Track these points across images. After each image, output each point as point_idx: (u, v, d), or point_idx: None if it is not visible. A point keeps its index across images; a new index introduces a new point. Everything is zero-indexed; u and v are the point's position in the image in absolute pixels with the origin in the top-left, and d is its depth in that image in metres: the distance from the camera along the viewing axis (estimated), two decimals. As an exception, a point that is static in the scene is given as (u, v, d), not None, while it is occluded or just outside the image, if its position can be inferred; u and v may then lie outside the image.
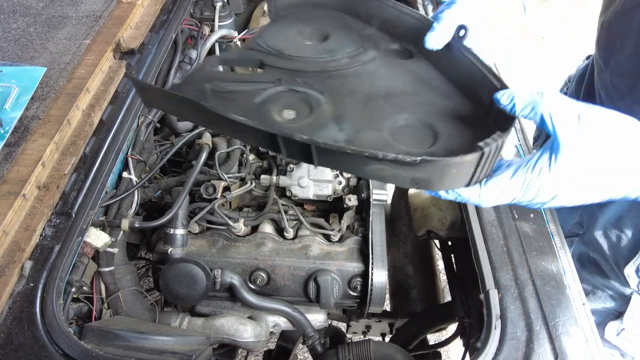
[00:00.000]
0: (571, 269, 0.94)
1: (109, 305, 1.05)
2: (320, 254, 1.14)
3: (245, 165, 1.31)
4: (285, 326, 1.15)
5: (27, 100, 1.14)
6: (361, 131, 0.66)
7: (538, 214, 1.04)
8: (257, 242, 1.16)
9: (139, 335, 0.89)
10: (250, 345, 1.07)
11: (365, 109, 0.70)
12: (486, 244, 0.97)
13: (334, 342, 1.30)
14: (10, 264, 0.87)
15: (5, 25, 1.37)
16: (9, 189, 0.94)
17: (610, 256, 1.29)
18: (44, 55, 1.27)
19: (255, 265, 1.11)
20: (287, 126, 0.67)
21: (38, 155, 0.99)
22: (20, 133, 1.06)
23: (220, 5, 1.71)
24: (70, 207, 0.96)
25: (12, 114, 1.11)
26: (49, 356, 0.81)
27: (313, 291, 1.09)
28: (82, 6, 1.45)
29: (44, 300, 0.85)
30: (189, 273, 1.03)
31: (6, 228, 0.89)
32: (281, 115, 0.69)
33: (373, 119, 0.68)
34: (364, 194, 1.23)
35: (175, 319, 1.07)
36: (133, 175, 1.14)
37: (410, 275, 1.53)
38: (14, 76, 1.20)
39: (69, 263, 0.91)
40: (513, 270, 0.93)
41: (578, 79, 1.35)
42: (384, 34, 0.87)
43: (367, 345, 1.02)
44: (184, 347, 0.91)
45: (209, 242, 1.16)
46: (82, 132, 1.08)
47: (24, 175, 0.96)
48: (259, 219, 1.23)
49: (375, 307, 1.10)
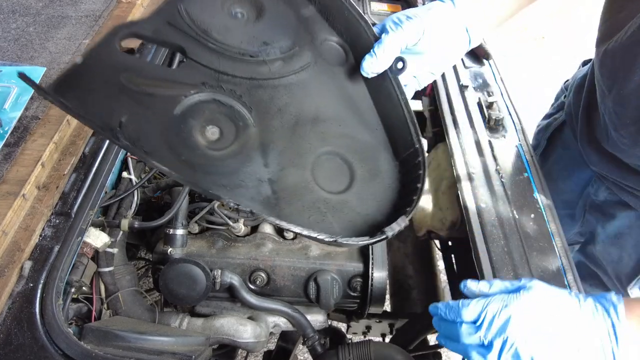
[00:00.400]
0: (572, 269, 0.94)
1: (108, 305, 1.05)
2: (320, 254, 1.14)
3: (245, 165, 1.31)
4: (285, 327, 1.15)
5: (27, 100, 1.14)
6: (285, 169, 0.64)
7: (539, 214, 1.04)
8: (257, 243, 1.15)
9: (138, 335, 0.89)
10: (250, 346, 1.07)
11: (292, 138, 0.67)
12: (487, 244, 0.97)
13: (334, 343, 1.30)
14: (9, 264, 0.87)
15: (5, 25, 1.37)
16: (8, 189, 0.94)
17: (612, 272, 1.29)
18: (44, 55, 1.27)
19: (255, 266, 1.11)
20: (211, 154, 0.62)
21: (37, 155, 0.99)
22: (19, 133, 1.06)
23: (220, 5, 1.71)
24: (70, 207, 0.96)
25: (11, 114, 1.11)
26: (49, 356, 0.80)
27: (313, 291, 1.09)
28: (81, 6, 1.45)
29: (44, 300, 0.85)
30: (189, 273, 1.02)
31: (5, 228, 0.89)
32: (204, 134, 0.64)
33: (298, 152, 0.66)
34: (364, 194, 1.23)
35: (175, 320, 1.07)
36: (133, 175, 1.14)
37: (411, 275, 1.53)
38: (14, 76, 1.20)
39: (69, 263, 0.91)
40: (514, 271, 0.92)
41: (576, 88, 1.32)
42: (322, 20, 0.79)
43: (367, 346, 1.02)
44: (184, 348, 0.91)
45: (208, 243, 1.15)
46: (81, 132, 1.08)
47: (23, 176, 0.96)
48: (259, 219, 1.23)
49: (375, 308, 1.10)
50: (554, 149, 1.44)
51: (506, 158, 1.15)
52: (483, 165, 1.12)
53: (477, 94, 1.34)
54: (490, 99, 1.30)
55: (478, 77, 1.41)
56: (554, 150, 1.44)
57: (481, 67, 1.45)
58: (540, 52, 4.37)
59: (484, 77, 1.41)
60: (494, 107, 1.26)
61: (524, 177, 1.11)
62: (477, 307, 0.67)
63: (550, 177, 1.37)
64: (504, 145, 1.19)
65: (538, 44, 4.50)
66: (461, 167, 1.12)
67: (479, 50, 1.48)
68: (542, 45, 4.50)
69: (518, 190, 1.08)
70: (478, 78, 1.41)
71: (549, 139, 1.44)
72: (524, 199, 1.06)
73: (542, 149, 1.47)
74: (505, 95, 1.35)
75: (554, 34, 4.63)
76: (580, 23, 4.68)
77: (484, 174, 1.10)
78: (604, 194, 1.27)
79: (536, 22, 4.81)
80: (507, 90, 1.38)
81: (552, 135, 1.43)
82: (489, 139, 1.20)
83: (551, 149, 1.45)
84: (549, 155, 1.46)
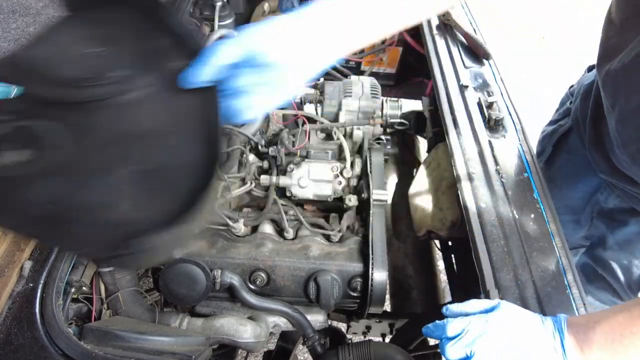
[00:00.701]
0: (572, 269, 0.94)
1: (108, 305, 1.05)
2: (320, 254, 1.14)
3: (245, 166, 1.31)
4: (285, 327, 1.15)
5: (27, 100, 1.13)
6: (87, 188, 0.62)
7: (538, 214, 1.04)
8: (257, 243, 1.15)
9: (138, 335, 0.89)
10: (250, 346, 1.07)
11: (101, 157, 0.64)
12: (487, 244, 0.97)
13: (334, 343, 1.30)
14: (9, 264, 0.87)
15: (5, 25, 1.37)
16: (8, 189, 0.94)
17: (622, 279, 1.28)
18: (44, 55, 1.27)
19: (255, 266, 1.11)
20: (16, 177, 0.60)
21: (37, 155, 0.99)
22: (19, 133, 1.06)
23: (220, 5, 1.71)
24: (70, 207, 0.96)
25: (11, 114, 1.11)
26: (49, 356, 0.80)
27: (313, 291, 1.09)
28: (81, 6, 1.45)
29: (44, 300, 0.85)
30: (189, 273, 1.02)
31: (5, 228, 0.89)
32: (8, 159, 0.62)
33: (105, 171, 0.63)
34: (364, 194, 1.23)
35: (174, 320, 1.07)
36: (133, 175, 1.14)
37: (411, 275, 1.53)
38: (14, 76, 1.20)
39: (69, 263, 0.91)
40: (514, 271, 0.92)
41: (583, 95, 1.31)
42: (176, 50, 0.73)
43: (367, 346, 1.02)
44: (184, 348, 0.91)
45: (208, 243, 1.15)
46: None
47: (23, 176, 0.96)
48: (259, 219, 1.23)
49: (375, 308, 1.10)
50: (560, 155, 1.43)
51: (506, 158, 1.15)
52: (483, 166, 1.12)
53: (477, 94, 1.34)
54: (490, 99, 1.30)
55: (478, 77, 1.41)
56: (559, 156, 1.43)
57: (481, 67, 1.45)
58: (540, 52, 4.37)
59: (484, 77, 1.42)
60: (494, 107, 1.26)
61: (524, 177, 1.11)
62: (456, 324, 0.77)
63: (555, 184, 1.37)
64: (504, 145, 1.19)
65: (538, 44, 4.50)
66: (461, 167, 1.12)
67: (479, 50, 1.48)
68: (542, 45, 4.50)
69: (518, 190, 1.08)
70: (478, 78, 1.41)
71: (554, 145, 1.44)
72: (524, 199, 1.06)
73: (547, 155, 1.46)
74: (505, 95, 1.35)
75: (554, 34, 4.63)
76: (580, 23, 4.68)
77: (484, 174, 1.10)
78: (614, 201, 1.27)
79: (536, 22, 4.81)
80: (507, 90, 1.38)
81: (558, 141, 1.43)
82: (489, 139, 1.20)
83: (557, 155, 1.44)
84: (554, 161, 1.45)
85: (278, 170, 1.32)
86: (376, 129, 1.41)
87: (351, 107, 1.44)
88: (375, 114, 1.44)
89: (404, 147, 1.85)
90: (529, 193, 1.08)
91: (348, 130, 1.41)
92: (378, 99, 1.47)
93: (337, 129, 1.40)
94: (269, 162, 1.35)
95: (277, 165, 1.32)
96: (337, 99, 1.46)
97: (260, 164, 1.35)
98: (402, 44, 1.76)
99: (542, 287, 0.90)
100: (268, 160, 1.35)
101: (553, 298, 0.89)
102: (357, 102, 1.44)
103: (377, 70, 1.89)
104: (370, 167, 1.26)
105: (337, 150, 1.40)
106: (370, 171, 1.25)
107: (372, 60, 1.82)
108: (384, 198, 1.19)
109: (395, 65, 1.87)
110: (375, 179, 1.22)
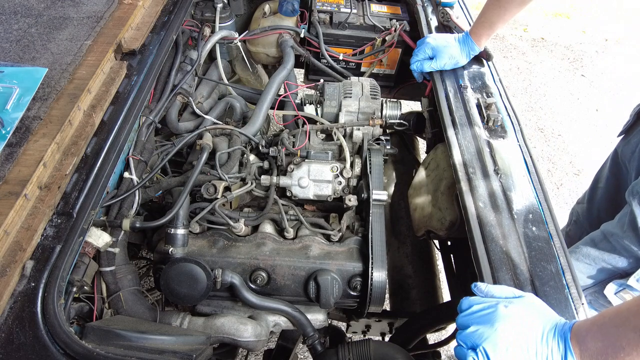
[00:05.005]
0: (570, 269, 0.95)
1: (109, 304, 1.06)
2: (321, 254, 1.14)
3: (246, 166, 1.31)
4: (286, 326, 1.16)
5: (29, 100, 1.14)
6: None
7: (537, 214, 1.04)
8: (257, 242, 1.16)
9: (139, 334, 0.89)
10: (251, 345, 1.07)
11: None
12: (485, 244, 0.97)
13: (333, 342, 1.30)
14: (11, 263, 0.87)
15: (7, 26, 1.37)
16: (10, 189, 0.94)
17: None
18: (46, 56, 1.28)
19: (255, 265, 1.11)
20: None
21: (39, 156, 0.99)
22: (21, 133, 1.07)
23: (221, 7, 1.71)
24: (72, 207, 0.96)
25: (13, 114, 1.11)
26: (50, 356, 0.81)
27: (313, 291, 1.10)
28: (83, 7, 1.46)
29: (45, 300, 0.85)
30: (190, 273, 1.03)
31: (7, 228, 0.89)
32: None
33: None
34: (364, 194, 1.24)
35: (175, 319, 1.08)
36: (134, 175, 1.15)
37: (410, 275, 1.54)
38: (16, 77, 1.21)
39: (70, 263, 0.91)
40: (512, 271, 0.93)
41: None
42: None
43: (367, 345, 1.03)
44: (185, 347, 0.91)
45: (209, 242, 1.16)
46: (83, 132, 1.09)
47: (25, 176, 0.96)
48: (260, 219, 1.23)
49: (375, 307, 1.10)
50: None
51: (505, 159, 1.16)
52: (482, 166, 1.13)
53: (476, 94, 1.35)
54: (489, 100, 1.30)
55: (477, 78, 1.42)
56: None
57: (481, 68, 1.46)
58: (540, 53, 4.38)
59: (483, 78, 1.42)
60: (492, 108, 1.27)
61: (523, 178, 1.12)
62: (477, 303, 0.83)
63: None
64: (503, 146, 1.19)
65: (538, 44, 4.51)
66: (460, 168, 1.12)
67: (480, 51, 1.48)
68: (542, 45, 4.50)
69: (517, 191, 1.08)
70: (477, 79, 1.41)
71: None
72: (523, 199, 1.07)
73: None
74: (505, 96, 1.36)
75: (554, 34, 4.64)
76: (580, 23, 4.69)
77: (482, 175, 1.11)
78: None
79: (536, 22, 4.81)
80: (506, 91, 1.38)
81: None
82: (488, 140, 1.20)
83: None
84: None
85: (278, 170, 1.33)
86: (376, 129, 1.42)
87: (351, 107, 1.45)
88: (374, 114, 1.44)
89: (403, 148, 1.86)
90: (528, 194, 1.08)
91: (348, 130, 1.41)
92: (377, 99, 1.48)
93: (337, 129, 1.40)
94: (269, 163, 1.35)
95: (278, 166, 1.33)
96: (337, 99, 1.47)
97: (261, 164, 1.36)
98: (402, 45, 1.77)
99: (540, 286, 0.91)
100: (268, 160, 1.36)
101: (551, 297, 0.90)
102: (357, 103, 1.45)
103: (377, 72, 1.90)
104: (369, 167, 1.26)
105: (337, 151, 1.40)
106: (369, 171, 1.25)
107: (371, 62, 1.83)
108: (384, 198, 1.19)
109: (395, 66, 1.88)
110: (374, 179, 1.23)
